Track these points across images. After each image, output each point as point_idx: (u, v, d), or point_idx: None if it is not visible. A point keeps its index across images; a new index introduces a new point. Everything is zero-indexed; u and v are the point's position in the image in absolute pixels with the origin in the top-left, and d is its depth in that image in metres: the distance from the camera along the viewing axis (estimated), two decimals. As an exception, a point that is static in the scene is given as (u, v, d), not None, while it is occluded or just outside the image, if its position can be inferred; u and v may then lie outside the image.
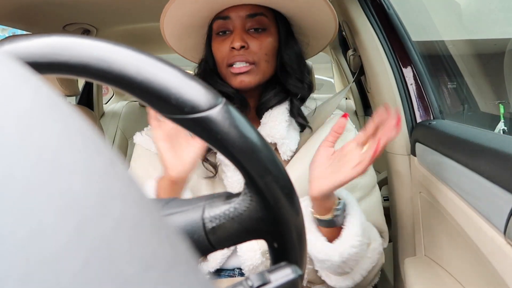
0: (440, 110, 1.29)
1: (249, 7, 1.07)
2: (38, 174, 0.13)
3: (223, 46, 1.08)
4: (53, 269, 0.12)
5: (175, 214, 0.45)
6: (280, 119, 1.11)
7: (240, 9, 1.07)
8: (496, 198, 0.73)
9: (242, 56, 1.06)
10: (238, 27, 1.07)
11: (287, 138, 1.12)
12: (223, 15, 1.08)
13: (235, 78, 1.08)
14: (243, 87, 1.09)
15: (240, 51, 1.06)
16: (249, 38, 1.07)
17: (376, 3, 1.34)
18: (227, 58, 1.08)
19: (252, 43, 1.07)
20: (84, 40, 0.37)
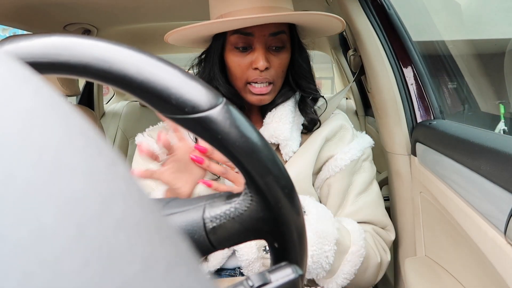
0: (441, 110, 1.29)
1: (273, 26, 1.06)
2: (39, 174, 0.13)
3: (243, 62, 1.08)
4: (53, 269, 0.12)
5: (176, 214, 0.45)
6: (284, 120, 1.13)
7: (264, 27, 1.05)
8: (497, 198, 0.73)
9: (264, 77, 1.07)
10: (262, 47, 1.06)
11: (290, 140, 1.13)
12: (245, 31, 1.06)
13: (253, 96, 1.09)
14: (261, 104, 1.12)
15: (263, 72, 1.06)
16: (270, 57, 1.07)
17: (376, 3, 1.34)
18: (247, 75, 1.08)
19: (273, 62, 1.08)
20: (84, 40, 0.37)
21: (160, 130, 1.23)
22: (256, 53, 1.06)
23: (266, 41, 1.07)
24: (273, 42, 1.08)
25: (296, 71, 1.15)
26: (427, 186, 1.13)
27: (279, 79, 1.11)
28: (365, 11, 1.33)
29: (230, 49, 1.10)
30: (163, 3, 1.70)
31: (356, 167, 1.19)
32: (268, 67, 1.06)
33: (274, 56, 1.08)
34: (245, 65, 1.07)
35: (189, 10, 1.81)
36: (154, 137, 1.19)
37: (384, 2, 1.34)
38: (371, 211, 1.17)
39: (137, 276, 0.13)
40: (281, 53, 1.09)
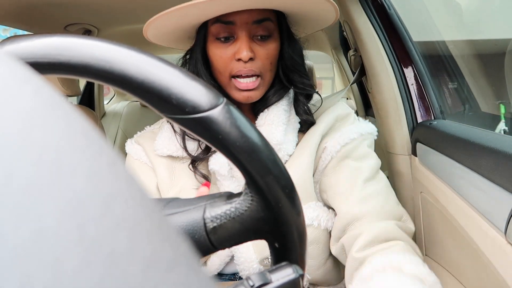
0: (441, 110, 1.29)
1: (255, 12, 0.97)
2: (39, 174, 0.13)
3: (225, 53, 0.99)
4: (54, 270, 0.12)
5: (176, 214, 0.45)
6: (277, 122, 1.04)
7: (246, 14, 0.96)
8: (497, 198, 0.73)
9: (250, 69, 0.97)
10: (244, 35, 0.97)
11: (285, 143, 1.05)
12: (225, 19, 0.96)
13: (240, 93, 1.00)
14: (249, 102, 1.03)
15: (248, 63, 0.97)
16: (255, 47, 0.98)
17: (377, 3, 1.34)
18: (231, 68, 0.99)
19: (259, 52, 0.98)
20: (85, 40, 0.37)
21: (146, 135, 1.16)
22: (239, 43, 0.97)
23: (249, 30, 0.98)
24: (257, 30, 0.98)
25: (286, 64, 1.05)
26: (427, 186, 1.13)
27: (268, 72, 1.01)
28: (366, 11, 1.33)
29: (212, 41, 1.01)
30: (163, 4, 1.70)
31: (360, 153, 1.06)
32: (252, 58, 0.97)
33: (259, 46, 0.99)
34: (227, 57, 0.98)
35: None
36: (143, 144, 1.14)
37: (384, 2, 1.34)
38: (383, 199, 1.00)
39: (138, 276, 0.13)
40: (267, 43, 1.00)
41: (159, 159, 1.10)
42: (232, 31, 0.98)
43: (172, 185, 1.08)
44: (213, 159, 1.04)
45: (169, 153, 1.09)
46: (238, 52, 0.96)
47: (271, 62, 1.01)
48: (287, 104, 1.08)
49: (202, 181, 1.07)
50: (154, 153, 1.10)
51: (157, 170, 1.10)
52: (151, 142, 1.13)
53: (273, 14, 1.01)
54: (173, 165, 1.10)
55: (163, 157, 1.10)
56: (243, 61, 0.97)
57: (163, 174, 1.09)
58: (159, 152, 1.09)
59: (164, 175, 1.09)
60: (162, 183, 1.08)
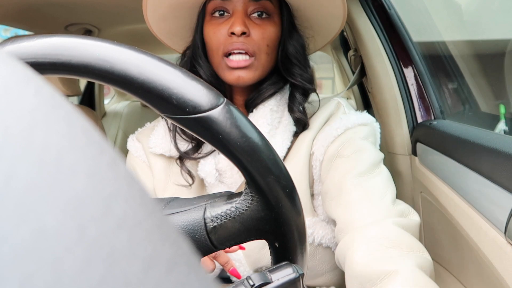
0: (441, 110, 1.29)
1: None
2: (40, 174, 0.13)
3: (219, 30, 0.94)
4: (55, 270, 0.12)
5: (177, 214, 0.45)
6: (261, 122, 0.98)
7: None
8: (497, 198, 0.73)
9: (242, 44, 0.92)
10: (240, 10, 0.93)
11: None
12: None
13: (231, 72, 0.94)
14: (240, 84, 0.96)
15: (241, 37, 0.92)
16: (251, 24, 0.94)
17: (377, 4, 1.34)
18: (223, 45, 0.93)
19: (254, 30, 0.93)
20: (86, 40, 0.37)
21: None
22: (234, 18, 0.93)
23: (246, 6, 0.94)
24: (254, 7, 0.95)
25: (286, 52, 0.99)
26: (427, 186, 1.13)
27: (263, 54, 0.95)
28: (366, 12, 1.34)
29: (208, 20, 0.97)
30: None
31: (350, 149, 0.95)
32: (246, 33, 0.92)
33: (255, 24, 0.94)
34: (221, 33, 0.94)
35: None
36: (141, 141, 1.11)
37: (384, 2, 1.34)
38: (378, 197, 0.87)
39: (138, 276, 0.13)
40: (265, 23, 0.95)
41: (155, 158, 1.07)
42: (228, 8, 0.95)
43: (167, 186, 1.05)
44: (201, 165, 1.01)
45: (161, 152, 1.05)
46: (232, 26, 0.92)
47: (267, 44, 0.95)
48: (275, 104, 1.00)
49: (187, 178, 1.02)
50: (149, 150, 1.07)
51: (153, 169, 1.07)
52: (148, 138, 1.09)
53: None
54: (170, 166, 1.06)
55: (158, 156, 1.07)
56: (236, 35, 0.92)
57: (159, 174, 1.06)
58: (152, 150, 1.06)
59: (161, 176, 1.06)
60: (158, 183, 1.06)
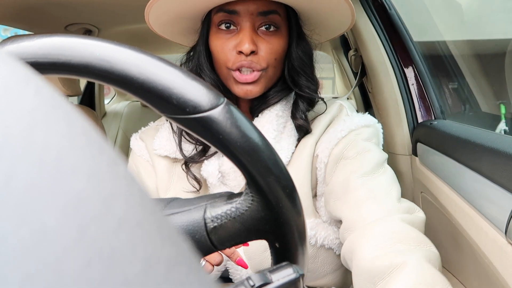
0: (442, 110, 1.29)
1: (262, 3, 0.91)
2: (40, 174, 0.13)
3: (226, 44, 0.92)
4: (55, 270, 0.12)
5: (177, 214, 0.45)
6: (266, 127, 0.98)
7: (251, 3, 0.90)
8: (497, 199, 0.73)
9: (251, 62, 0.91)
10: (248, 27, 0.91)
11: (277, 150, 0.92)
12: (229, 8, 0.91)
13: (239, 86, 0.94)
14: (248, 97, 0.96)
15: (249, 56, 0.90)
16: (258, 40, 0.92)
17: (377, 4, 1.34)
18: (231, 61, 0.92)
19: (262, 46, 0.92)
20: (86, 40, 0.37)
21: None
22: (241, 34, 0.91)
23: (253, 21, 0.91)
24: (262, 21, 0.92)
25: (293, 64, 0.98)
26: (428, 186, 1.13)
27: (271, 68, 0.94)
28: (366, 12, 1.33)
29: (214, 32, 0.95)
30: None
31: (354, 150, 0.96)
32: (254, 51, 0.90)
33: (263, 39, 0.92)
34: (228, 48, 0.92)
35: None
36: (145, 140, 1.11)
37: (385, 2, 1.34)
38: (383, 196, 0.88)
39: (139, 276, 0.13)
40: (272, 37, 0.93)
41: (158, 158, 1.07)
42: (236, 21, 0.93)
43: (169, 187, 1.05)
44: (204, 166, 1.00)
45: (166, 154, 1.05)
46: (240, 44, 0.90)
47: (275, 58, 0.94)
48: (281, 110, 1.00)
49: (194, 184, 1.02)
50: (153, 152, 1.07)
51: (156, 169, 1.07)
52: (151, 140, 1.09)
53: (282, 8, 0.95)
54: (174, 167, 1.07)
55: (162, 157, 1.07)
56: (244, 54, 0.90)
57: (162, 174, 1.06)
58: (157, 152, 1.06)
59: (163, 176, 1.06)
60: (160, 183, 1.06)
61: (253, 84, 0.93)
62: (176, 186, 1.05)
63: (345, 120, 1.02)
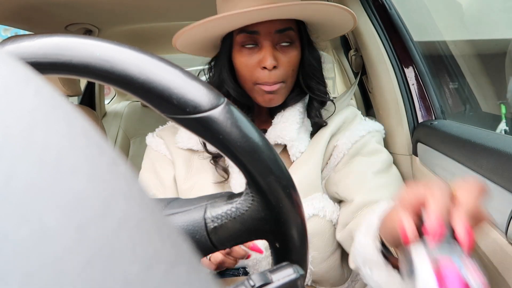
0: (442, 110, 1.29)
1: (278, 22, 1.02)
2: (40, 174, 0.13)
3: (250, 61, 1.04)
4: (55, 269, 0.12)
5: (177, 214, 0.45)
6: (291, 120, 1.10)
7: (269, 24, 1.01)
8: (498, 199, 0.73)
9: (274, 75, 1.02)
10: (268, 45, 1.02)
11: (297, 140, 1.10)
12: (250, 29, 1.02)
13: (263, 96, 1.05)
14: (272, 105, 1.08)
15: (272, 71, 1.02)
16: (278, 55, 1.03)
17: (377, 3, 1.34)
18: (255, 76, 1.04)
19: (281, 59, 1.03)
20: (86, 40, 0.37)
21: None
22: (263, 52, 1.02)
23: (272, 39, 1.03)
24: (280, 39, 1.04)
25: (306, 70, 1.11)
26: (428, 186, 1.13)
27: (290, 79, 1.07)
28: (367, 11, 1.33)
29: (237, 50, 1.06)
30: (164, 3, 1.71)
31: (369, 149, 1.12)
32: (276, 66, 1.02)
33: (282, 54, 1.04)
34: (252, 65, 1.03)
35: (191, 10, 1.81)
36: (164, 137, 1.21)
37: (385, 2, 1.34)
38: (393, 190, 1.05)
39: (139, 276, 0.13)
40: (289, 51, 1.05)
41: (179, 151, 1.17)
42: (257, 40, 1.03)
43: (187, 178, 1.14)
44: None
45: (189, 146, 1.15)
46: (263, 61, 1.01)
47: (293, 69, 1.06)
48: (302, 107, 1.14)
49: (223, 174, 1.11)
50: (175, 145, 1.17)
51: (176, 162, 1.16)
52: (172, 135, 1.19)
53: (294, 23, 1.06)
54: (191, 158, 1.17)
55: (183, 150, 1.17)
56: (267, 70, 1.01)
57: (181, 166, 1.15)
58: (180, 145, 1.16)
59: (181, 168, 1.15)
60: (178, 175, 1.15)
61: (276, 94, 1.05)
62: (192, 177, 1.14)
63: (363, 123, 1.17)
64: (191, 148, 1.16)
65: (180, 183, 1.14)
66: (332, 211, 1.09)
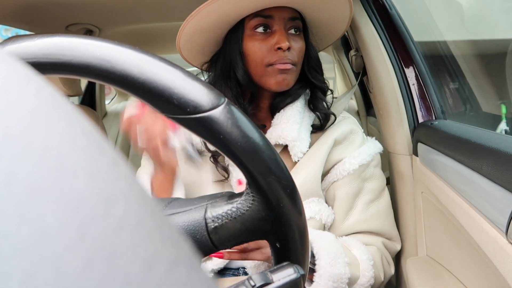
0: (442, 110, 1.29)
1: (290, 10, 1.08)
2: (41, 174, 0.13)
3: (263, 45, 1.07)
4: (56, 269, 0.12)
5: (178, 214, 0.45)
6: (292, 121, 1.12)
7: (283, 11, 1.07)
8: (498, 199, 0.73)
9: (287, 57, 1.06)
10: (282, 28, 1.07)
11: (298, 140, 1.12)
12: (265, 13, 1.07)
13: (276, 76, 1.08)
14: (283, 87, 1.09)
15: (286, 52, 1.06)
16: (289, 39, 1.07)
17: (378, 4, 1.34)
18: (268, 57, 1.07)
19: (293, 44, 1.08)
20: (86, 40, 0.37)
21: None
22: (278, 34, 1.06)
23: (285, 24, 1.08)
24: (292, 25, 1.09)
25: (310, 61, 1.16)
26: (428, 186, 1.13)
27: (298, 65, 1.11)
28: (367, 12, 1.33)
29: (249, 35, 1.09)
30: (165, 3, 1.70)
31: (366, 173, 1.18)
32: (290, 48, 1.06)
33: (293, 40, 1.09)
34: (266, 48, 1.07)
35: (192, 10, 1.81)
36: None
37: (386, 2, 1.34)
38: (381, 222, 1.16)
39: (139, 276, 0.13)
40: (298, 38, 1.10)
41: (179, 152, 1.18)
42: (270, 24, 1.08)
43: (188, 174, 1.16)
44: None
45: None
46: (279, 42, 1.05)
47: (301, 56, 1.11)
48: (301, 106, 1.16)
49: (223, 173, 1.13)
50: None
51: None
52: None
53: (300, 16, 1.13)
54: None
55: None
56: (282, 50, 1.05)
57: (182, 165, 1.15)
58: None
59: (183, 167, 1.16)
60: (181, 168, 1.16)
61: (288, 74, 1.08)
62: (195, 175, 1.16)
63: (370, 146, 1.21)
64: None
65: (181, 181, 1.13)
66: (327, 215, 1.14)
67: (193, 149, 1.01)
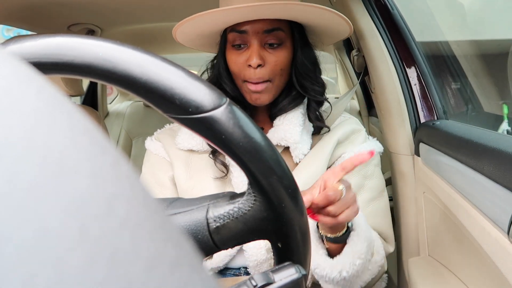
0: (444, 110, 1.29)
1: (266, 22, 1.04)
2: (43, 174, 0.13)
3: (238, 59, 1.07)
4: (57, 270, 0.12)
5: (180, 214, 0.45)
6: (294, 123, 1.12)
7: (257, 23, 1.04)
8: (500, 199, 0.73)
9: (259, 74, 1.04)
10: (255, 44, 1.05)
11: (300, 142, 1.11)
12: (239, 28, 1.05)
13: (250, 95, 1.08)
14: (258, 104, 1.10)
15: (257, 69, 1.04)
16: (265, 54, 1.05)
17: (380, 4, 1.34)
18: (243, 73, 1.07)
19: (269, 59, 1.06)
20: (88, 40, 0.37)
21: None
22: (250, 50, 1.05)
23: (260, 38, 1.05)
24: (268, 39, 1.06)
25: (299, 70, 1.11)
26: (430, 186, 1.13)
27: (277, 77, 1.08)
28: (369, 11, 1.33)
29: (229, 48, 1.10)
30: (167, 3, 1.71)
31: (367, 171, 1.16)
32: (261, 64, 1.04)
33: (270, 53, 1.06)
34: (241, 63, 1.06)
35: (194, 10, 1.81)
36: (162, 140, 1.22)
37: (387, 2, 1.34)
38: (379, 221, 1.14)
39: (141, 276, 0.13)
40: (278, 51, 1.07)
41: (178, 152, 1.19)
42: (245, 39, 1.06)
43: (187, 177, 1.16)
44: None
45: (189, 147, 1.17)
46: (249, 59, 1.04)
47: (281, 68, 1.07)
48: (303, 109, 1.16)
49: (222, 169, 1.13)
50: (175, 147, 1.19)
51: (175, 163, 1.18)
52: (170, 138, 1.22)
53: (285, 24, 1.08)
54: (191, 158, 1.18)
55: (182, 151, 1.18)
56: (252, 68, 1.04)
57: (180, 167, 1.17)
58: (180, 146, 1.18)
59: (181, 168, 1.17)
60: (179, 175, 1.16)
61: (262, 93, 1.07)
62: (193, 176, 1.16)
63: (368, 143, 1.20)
64: (192, 148, 1.17)
65: (181, 183, 1.16)
66: None
67: None
